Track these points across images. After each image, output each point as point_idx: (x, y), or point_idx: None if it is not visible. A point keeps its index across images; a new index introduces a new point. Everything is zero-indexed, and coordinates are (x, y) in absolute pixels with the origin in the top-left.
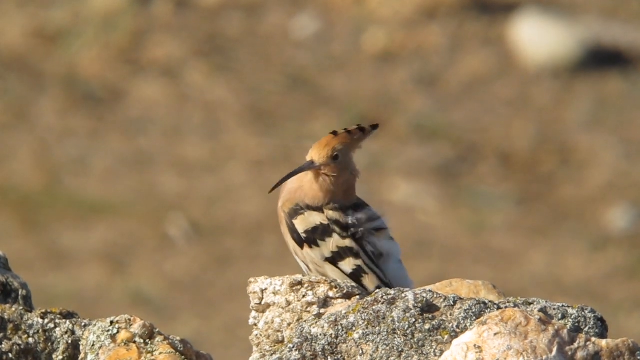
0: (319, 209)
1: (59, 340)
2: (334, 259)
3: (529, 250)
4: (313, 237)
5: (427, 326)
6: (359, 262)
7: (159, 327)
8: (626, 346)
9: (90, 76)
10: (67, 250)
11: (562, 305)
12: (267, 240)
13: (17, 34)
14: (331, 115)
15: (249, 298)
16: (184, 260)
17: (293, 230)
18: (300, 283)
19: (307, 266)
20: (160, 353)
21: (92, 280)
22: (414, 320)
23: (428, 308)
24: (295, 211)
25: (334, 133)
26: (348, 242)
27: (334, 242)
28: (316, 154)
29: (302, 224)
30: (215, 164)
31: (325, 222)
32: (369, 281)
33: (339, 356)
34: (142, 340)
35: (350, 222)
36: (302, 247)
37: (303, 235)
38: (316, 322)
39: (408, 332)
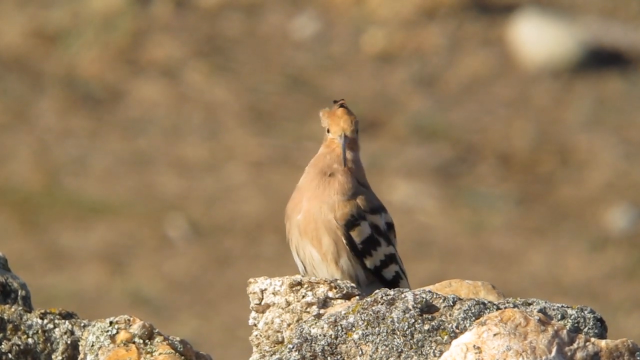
0: (359, 214)
1: (58, 340)
2: (380, 268)
3: (528, 250)
4: (368, 248)
5: (426, 327)
6: (397, 267)
7: (159, 328)
8: (625, 346)
9: (90, 76)
10: (67, 251)
11: (562, 306)
12: (266, 240)
13: (17, 34)
14: None
15: (249, 298)
16: (184, 261)
17: (351, 244)
18: (299, 283)
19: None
20: (160, 353)
21: (92, 281)
22: (413, 320)
23: (427, 308)
24: (352, 223)
25: (344, 107)
26: (392, 249)
27: (382, 250)
28: (347, 126)
29: (359, 235)
30: (214, 164)
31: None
32: (404, 285)
33: (339, 357)
34: (141, 341)
35: (383, 227)
36: (360, 258)
37: (360, 247)
38: (316, 323)
39: (407, 332)
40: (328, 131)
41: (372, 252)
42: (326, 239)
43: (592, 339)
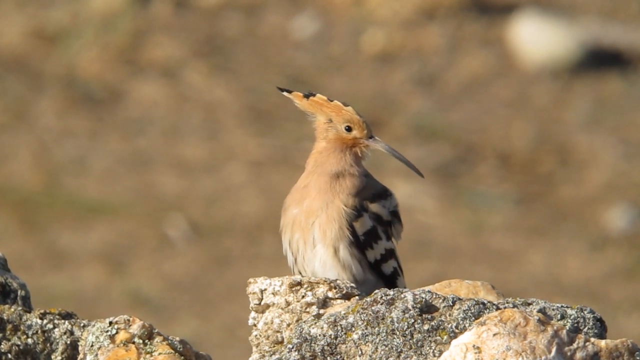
0: (362, 205)
1: (57, 340)
2: (380, 262)
3: (528, 250)
4: (369, 240)
5: (426, 327)
6: (395, 263)
7: (158, 328)
8: (625, 346)
9: (90, 76)
10: (66, 251)
11: (561, 306)
12: (266, 240)
13: (17, 34)
14: None
15: (249, 298)
16: (183, 261)
17: (353, 234)
18: (299, 283)
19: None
20: (160, 353)
21: (91, 281)
22: (413, 320)
23: (427, 308)
24: (356, 215)
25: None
26: (391, 245)
27: (383, 245)
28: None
29: (362, 227)
30: (214, 164)
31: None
32: (401, 283)
33: (338, 357)
34: (141, 341)
35: (385, 217)
36: (360, 250)
37: (362, 238)
38: (315, 323)
39: (407, 332)
40: (330, 121)
41: (374, 245)
42: (329, 230)
43: (592, 339)
